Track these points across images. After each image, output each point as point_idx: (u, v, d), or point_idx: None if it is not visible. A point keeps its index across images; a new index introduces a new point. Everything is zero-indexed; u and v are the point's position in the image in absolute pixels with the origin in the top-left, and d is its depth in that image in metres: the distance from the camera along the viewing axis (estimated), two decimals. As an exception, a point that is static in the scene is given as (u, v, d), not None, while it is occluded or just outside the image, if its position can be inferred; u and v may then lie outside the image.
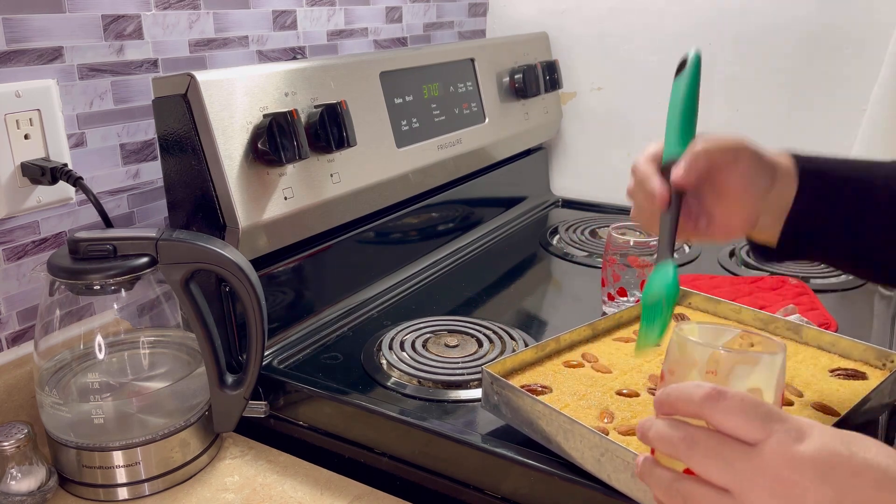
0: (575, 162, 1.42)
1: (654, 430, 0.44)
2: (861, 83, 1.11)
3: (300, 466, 0.71)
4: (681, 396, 0.43)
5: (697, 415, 0.42)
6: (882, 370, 0.68)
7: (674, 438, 0.43)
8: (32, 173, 0.72)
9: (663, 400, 0.45)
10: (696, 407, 0.42)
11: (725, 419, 0.41)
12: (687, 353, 0.47)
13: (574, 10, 1.34)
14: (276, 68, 0.80)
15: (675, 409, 0.44)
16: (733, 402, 0.41)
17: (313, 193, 0.82)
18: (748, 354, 0.46)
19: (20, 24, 0.71)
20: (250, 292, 0.66)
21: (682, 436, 0.42)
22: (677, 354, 0.48)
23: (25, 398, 0.73)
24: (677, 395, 0.44)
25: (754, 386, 0.45)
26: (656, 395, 0.46)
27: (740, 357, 0.46)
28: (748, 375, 0.45)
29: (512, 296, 0.99)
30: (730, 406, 0.41)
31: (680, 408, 0.44)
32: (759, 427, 0.40)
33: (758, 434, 0.40)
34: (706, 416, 0.42)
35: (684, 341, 0.47)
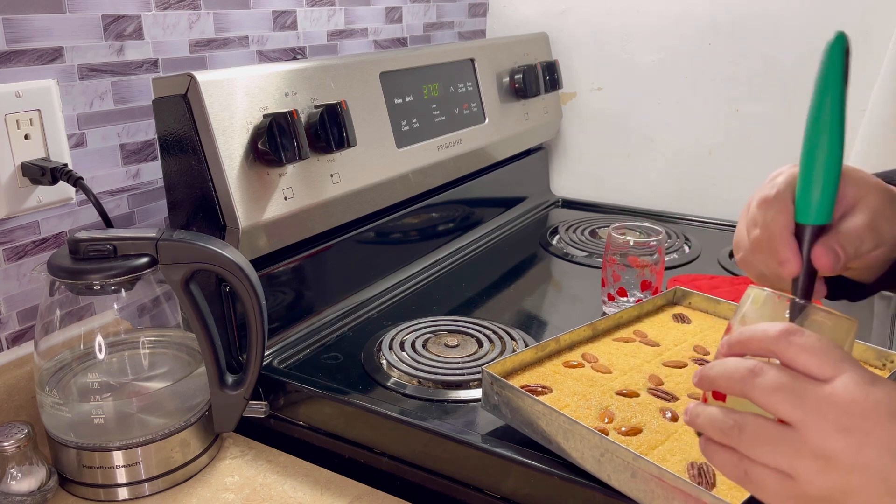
0: (575, 162, 1.42)
1: (719, 366, 0.42)
2: (861, 83, 1.11)
3: (300, 466, 0.71)
4: (755, 333, 0.42)
5: (771, 351, 0.41)
6: (882, 370, 0.68)
7: (740, 370, 0.41)
8: (33, 173, 0.72)
9: (734, 339, 0.43)
10: (771, 342, 0.40)
11: (799, 354, 0.39)
12: (759, 304, 0.45)
13: (574, 10, 1.34)
14: (276, 68, 0.80)
15: (746, 346, 0.42)
16: (810, 339, 0.40)
17: (313, 193, 0.82)
18: (827, 310, 0.44)
19: (20, 24, 0.71)
20: (250, 292, 0.67)
21: (750, 366, 0.40)
22: (751, 305, 0.46)
23: (25, 398, 0.73)
24: (750, 333, 0.42)
25: None
26: (724, 339, 0.44)
27: (818, 311, 0.44)
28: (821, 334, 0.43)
29: (512, 296, 0.99)
30: (805, 343, 0.40)
31: (752, 345, 0.42)
32: (833, 365, 0.39)
33: (830, 371, 0.39)
34: (780, 352, 0.40)
35: (760, 294, 0.45)
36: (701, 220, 1.27)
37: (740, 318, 0.46)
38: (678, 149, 1.30)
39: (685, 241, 1.16)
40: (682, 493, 0.51)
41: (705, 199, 1.29)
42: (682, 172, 1.31)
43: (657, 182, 1.33)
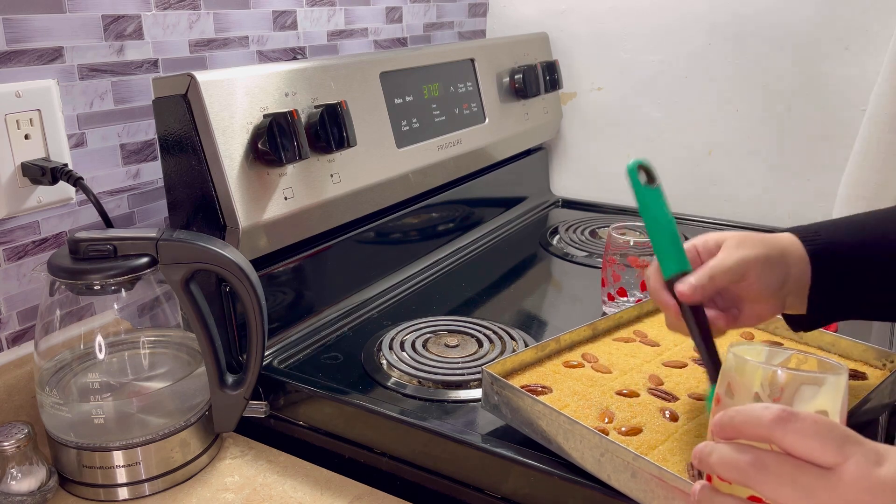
0: (575, 162, 1.42)
1: (717, 454, 0.42)
2: (861, 83, 1.11)
3: (300, 466, 0.71)
4: (747, 419, 0.41)
5: (766, 437, 0.40)
6: (882, 370, 0.68)
7: (741, 462, 0.40)
8: (33, 173, 0.72)
9: (725, 422, 0.42)
10: (766, 429, 0.40)
11: (799, 442, 0.39)
12: (746, 374, 0.45)
13: (574, 10, 1.34)
14: (276, 68, 0.80)
15: (739, 432, 0.41)
16: (806, 423, 0.39)
17: (313, 193, 0.82)
18: (814, 374, 0.44)
19: (20, 24, 0.71)
20: (250, 292, 0.67)
21: (751, 460, 0.40)
22: (735, 375, 0.45)
23: (26, 398, 0.73)
24: (743, 418, 0.41)
25: (821, 408, 0.43)
26: (716, 419, 0.43)
27: (806, 377, 0.43)
28: (814, 397, 0.43)
29: (512, 296, 0.99)
30: (803, 428, 0.39)
31: (746, 431, 0.41)
32: (836, 450, 0.38)
33: (834, 457, 0.38)
34: (777, 439, 0.39)
35: (743, 362, 0.45)
36: (701, 220, 1.27)
37: (725, 386, 0.46)
38: (678, 149, 1.30)
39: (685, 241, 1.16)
40: (682, 493, 0.51)
41: (705, 199, 1.29)
42: (682, 172, 1.31)
43: (657, 182, 1.33)
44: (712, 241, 0.61)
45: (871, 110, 1.02)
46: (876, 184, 1.04)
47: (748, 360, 0.45)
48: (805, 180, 1.20)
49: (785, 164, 1.21)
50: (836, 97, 1.14)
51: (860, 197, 1.06)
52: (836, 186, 1.10)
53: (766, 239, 0.60)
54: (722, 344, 0.71)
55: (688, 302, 0.57)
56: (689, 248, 0.61)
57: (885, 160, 1.02)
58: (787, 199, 1.22)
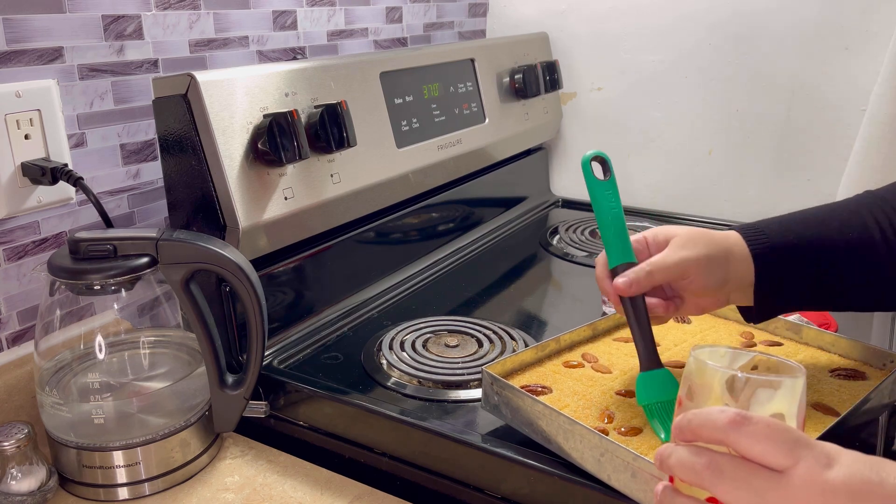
0: (575, 162, 1.42)
1: (675, 456, 0.43)
2: (861, 83, 1.11)
3: (300, 466, 0.71)
4: (703, 422, 0.42)
5: (721, 441, 0.41)
6: (882, 370, 0.68)
7: (697, 465, 0.41)
8: (33, 173, 0.72)
9: (684, 426, 0.43)
10: (720, 433, 0.41)
11: (752, 445, 0.40)
12: (706, 378, 0.46)
13: (574, 10, 1.34)
14: (276, 68, 0.80)
15: (696, 435, 0.42)
16: (759, 426, 0.40)
17: (313, 193, 0.82)
18: (770, 378, 0.45)
19: (20, 24, 0.71)
20: (250, 292, 0.67)
21: (707, 462, 0.41)
22: (695, 379, 0.46)
23: (26, 398, 0.73)
24: (700, 421, 0.42)
25: (777, 411, 0.44)
26: (675, 421, 0.44)
27: (762, 381, 0.44)
28: (770, 400, 0.44)
29: (512, 296, 0.99)
30: (756, 431, 0.40)
31: (702, 434, 0.42)
32: (787, 453, 0.39)
33: (786, 461, 0.39)
34: (731, 442, 0.41)
35: (702, 365, 0.46)
36: (701, 220, 1.27)
37: (686, 390, 0.47)
38: (678, 149, 1.30)
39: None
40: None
41: (705, 199, 1.29)
42: (682, 172, 1.31)
43: (657, 182, 1.33)
44: (661, 236, 0.64)
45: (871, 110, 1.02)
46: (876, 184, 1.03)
47: (708, 364, 0.46)
48: (805, 180, 1.20)
49: (785, 164, 1.21)
50: (836, 97, 1.14)
51: (860, 197, 1.06)
52: (836, 186, 1.10)
53: (712, 238, 0.63)
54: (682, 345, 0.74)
55: (623, 294, 0.62)
56: (639, 240, 0.65)
57: (885, 160, 1.02)
58: (787, 199, 1.22)
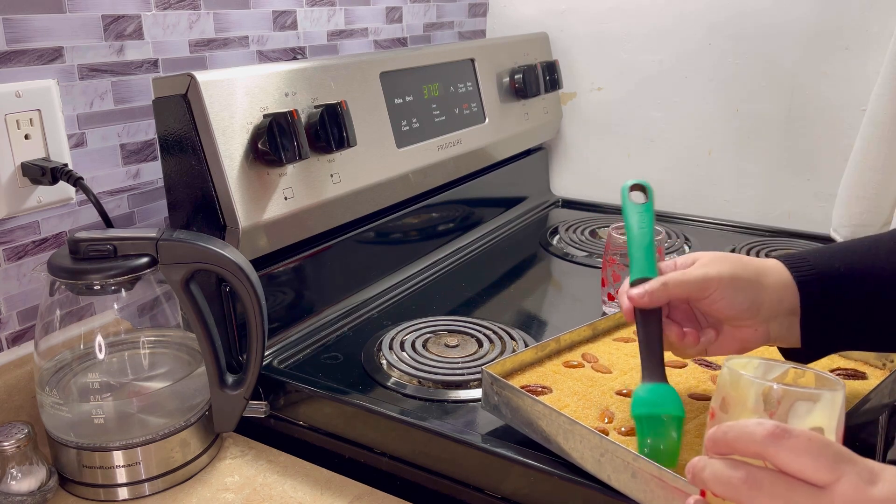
0: (575, 162, 1.42)
1: (710, 469, 0.42)
2: (861, 83, 1.11)
3: (300, 466, 0.71)
4: (740, 434, 0.41)
5: (760, 454, 0.40)
6: (882, 370, 0.68)
7: (734, 479, 0.40)
8: (33, 173, 0.72)
9: (719, 438, 0.42)
10: (759, 445, 0.39)
11: (792, 460, 0.38)
12: (741, 389, 0.44)
13: (574, 10, 1.34)
14: (276, 68, 0.80)
15: (733, 448, 0.41)
16: (800, 440, 0.38)
17: (313, 193, 0.82)
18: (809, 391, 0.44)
19: (20, 24, 0.71)
20: (250, 292, 0.67)
21: (744, 476, 0.40)
22: (730, 390, 0.45)
23: (26, 398, 0.73)
24: (736, 434, 0.41)
25: (816, 424, 0.42)
26: (709, 433, 0.43)
27: (801, 393, 0.43)
28: (808, 414, 0.42)
29: (512, 296, 0.99)
30: (796, 445, 0.38)
31: (739, 447, 0.41)
32: (830, 468, 0.38)
33: (827, 476, 0.38)
34: (770, 456, 0.39)
35: (738, 377, 0.45)
36: (701, 220, 1.27)
37: (720, 401, 0.46)
38: (678, 149, 1.30)
39: (685, 241, 1.16)
40: (682, 493, 0.51)
41: (705, 199, 1.29)
42: (682, 172, 1.31)
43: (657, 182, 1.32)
44: (690, 258, 0.61)
45: (871, 110, 1.02)
46: (876, 184, 1.04)
47: (743, 375, 0.44)
48: (805, 180, 1.20)
49: (785, 164, 1.21)
50: (836, 97, 1.14)
51: (860, 197, 1.06)
52: (836, 186, 1.10)
53: (742, 260, 0.59)
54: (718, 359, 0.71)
55: (636, 305, 0.59)
56: (668, 264, 0.62)
57: (885, 160, 1.02)
58: (787, 199, 1.22)
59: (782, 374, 0.47)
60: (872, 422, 0.65)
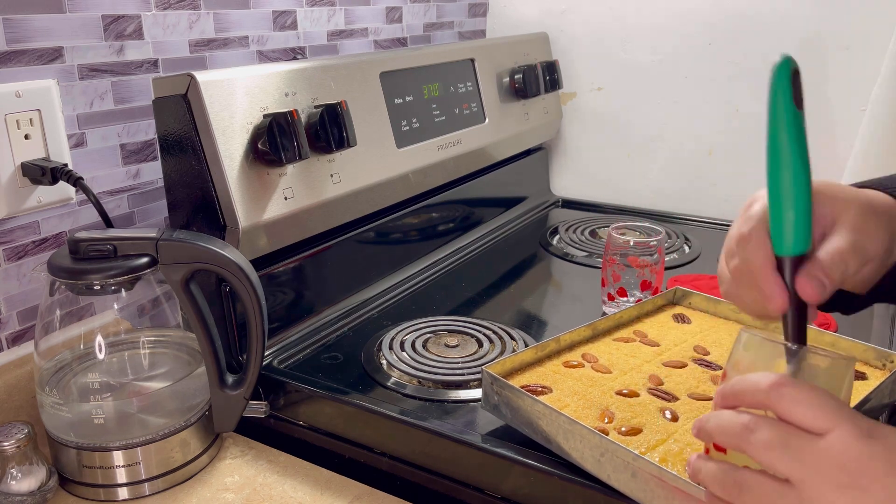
0: (575, 162, 1.42)
1: (715, 419, 0.42)
2: (861, 83, 1.11)
3: (300, 466, 0.71)
4: (746, 385, 0.41)
5: (763, 403, 0.40)
6: (882, 370, 0.68)
7: (735, 425, 0.41)
8: (33, 173, 0.72)
9: (727, 391, 0.43)
10: (762, 394, 0.40)
11: (792, 407, 0.39)
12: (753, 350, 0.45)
13: (574, 11, 1.34)
14: (276, 68, 0.80)
15: (739, 398, 0.42)
16: (802, 390, 0.39)
17: (313, 193, 0.82)
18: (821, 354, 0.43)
19: (20, 24, 0.71)
20: (250, 292, 0.67)
21: (745, 422, 0.40)
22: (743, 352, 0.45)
23: (26, 398, 0.73)
24: (743, 385, 0.42)
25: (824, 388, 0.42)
26: (719, 389, 0.44)
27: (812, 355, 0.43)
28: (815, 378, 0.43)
29: (512, 296, 0.99)
30: (797, 394, 0.39)
31: (745, 397, 0.41)
32: (827, 417, 0.38)
33: (825, 424, 0.38)
34: (772, 405, 0.40)
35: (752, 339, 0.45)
36: (701, 220, 1.27)
37: (733, 363, 0.46)
38: (678, 149, 1.30)
39: (685, 241, 1.16)
40: (682, 493, 0.51)
41: (705, 199, 1.29)
42: (682, 172, 1.31)
43: (657, 182, 1.33)
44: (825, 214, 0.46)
45: (871, 110, 1.02)
46: (876, 184, 1.04)
47: (756, 336, 0.45)
48: (805, 180, 1.20)
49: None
50: (836, 97, 1.14)
51: (860, 197, 1.05)
52: (836, 186, 1.10)
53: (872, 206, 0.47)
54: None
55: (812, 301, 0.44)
56: None
57: (885, 160, 1.02)
58: (787, 199, 1.22)
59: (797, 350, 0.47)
60: (872, 422, 0.65)
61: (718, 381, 0.67)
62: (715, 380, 0.67)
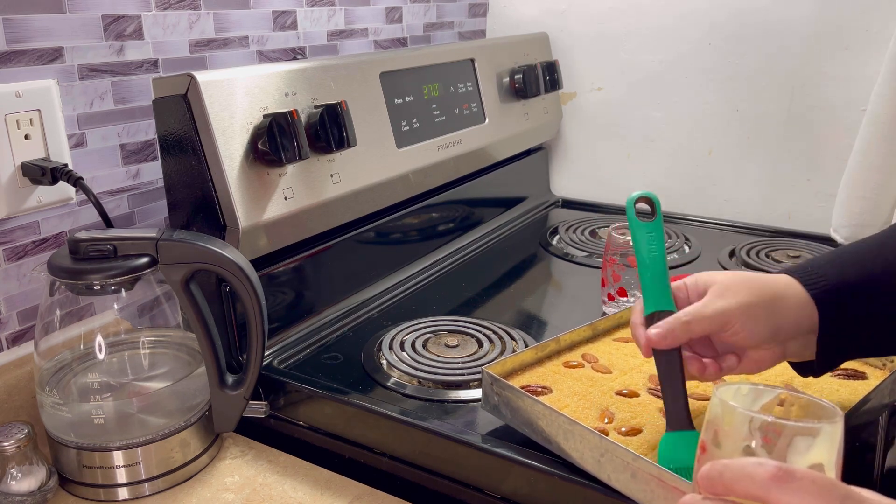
0: (575, 162, 1.42)
1: None
2: (861, 83, 1.11)
3: (300, 466, 0.71)
4: (739, 476, 0.38)
5: (761, 498, 0.37)
6: (882, 370, 0.68)
7: None
8: (33, 173, 0.72)
9: (715, 477, 0.39)
10: (761, 489, 0.36)
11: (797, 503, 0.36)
12: (735, 423, 0.41)
13: (574, 10, 1.34)
14: (276, 68, 0.80)
15: (730, 489, 0.38)
16: (804, 482, 0.36)
17: (313, 193, 0.82)
18: (808, 425, 0.41)
19: (20, 24, 0.71)
20: (250, 292, 0.67)
21: None
22: (722, 424, 0.42)
23: (26, 398, 0.73)
24: (734, 474, 0.38)
25: (816, 461, 0.40)
26: (702, 470, 0.40)
27: (800, 428, 0.40)
28: (809, 449, 0.40)
29: (512, 296, 0.99)
30: (801, 488, 0.36)
31: (738, 489, 0.38)
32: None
33: None
34: (773, 500, 0.36)
35: (731, 409, 0.41)
36: (701, 220, 1.27)
37: (712, 433, 0.42)
38: (678, 149, 1.30)
39: (685, 241, 1.16)
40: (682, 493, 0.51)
41: (705, 199, 1.29)
42: (682, 172, 1.31)
43: (657, 182, 1.33)
44: (702, 283, 0.59)
45: (871, 110, 1.02)
46: (876, 184, 1.04)
47: (736, 408, 0.42)
48: (805, 180, 1.20)
49: (785, 164, 1.21)
50: (836, 97, 1.14)
51: (860, 197, 1.06)
52: (836, 186, 1.10)
53: (756, 284, 0.57)
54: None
55: (656, 347, 0.57)
56: (678, 287, 0.60)
57: (885, 160, 1.02)
58: (787, 199, 1.22)
59: (773, 399, 0.45)
60: (872, 422, 0.65)
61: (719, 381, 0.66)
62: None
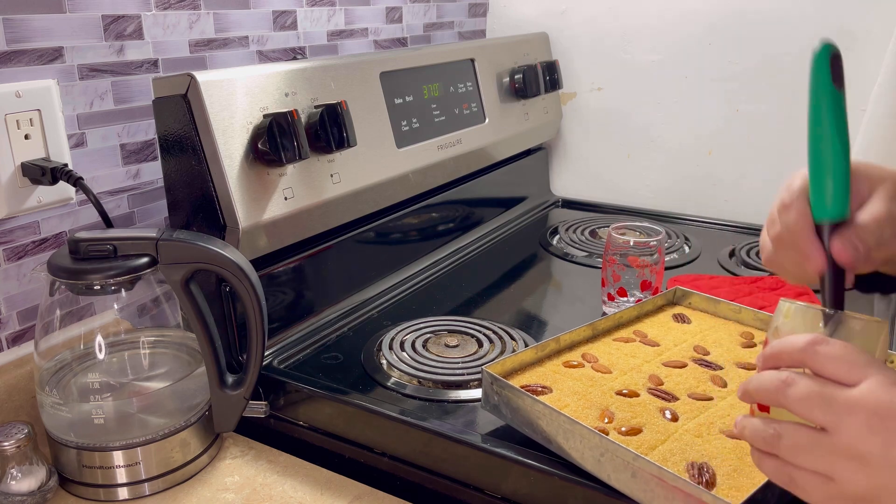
0: (575, 162, 1.42)
1: (756, 380, 0.45)
2: (861, 83, 1.11)
3: (300, 466, 0.71)
4: (784, 346, 0.45)
5: (800, 361, 0.43)
6: (882, 370, 0.68)
7: (773, 382, 0.44)
8: (33, 173, 0.72)
9: (768, 353, 0.46)
10: (799, 353, 0.43)
11: (826, 362, 0.42)
12: (791, 317, 0.47)
13: (574, 10, 1.34)
14: (276, 68, 0.80)
15: (778, 358, 0.45)
16: (835, 346, 0.42)
17: (313, 193, 0.82)
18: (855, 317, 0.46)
19: (20, 24, 0.71)
20: (250, 292, 0.67)
21: (782, 378, 0.43)
22: (783, 319, 0.48)
23: (26, 398, 0.73)
24: (781, 346, 0.45)
25: None
26: (760, 353, 0.47)
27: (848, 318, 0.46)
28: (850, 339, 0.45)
29: (512, 296, 0.99)
30: (831, 350, 0.42)
31: (784, 357, 0.45)
32: (859, 370, 0.41)
33: (857, 376, 0.41)
34: (808, 361, 0.43)
35: (790, 306, 0.48)
36: (701, 220, 1.27)
37: (773, 330, 0.49)
38: (678, 149, 1.30)
39: (685, 241, 1.16)
40: (682, 492, 0.51)
41: (705, 199, 1.29)
42: (682, 172, 1.31)
43: (657, 182, 1.33)
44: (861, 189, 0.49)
45: (871, 110, 1.02)
46: (876, 184, 1.04)
47: (795, 304, 0.47)
48: (805, 180, 1.20)
49: (785, 164, 1.21)
50: (836, 97, 1.14)
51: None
52: (836, 186, 1.10)
53: None
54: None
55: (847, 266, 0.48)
56: None
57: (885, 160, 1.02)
58: (787, 199, 1.22)
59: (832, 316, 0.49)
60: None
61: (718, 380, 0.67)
62: (715, 380, 0.67)
